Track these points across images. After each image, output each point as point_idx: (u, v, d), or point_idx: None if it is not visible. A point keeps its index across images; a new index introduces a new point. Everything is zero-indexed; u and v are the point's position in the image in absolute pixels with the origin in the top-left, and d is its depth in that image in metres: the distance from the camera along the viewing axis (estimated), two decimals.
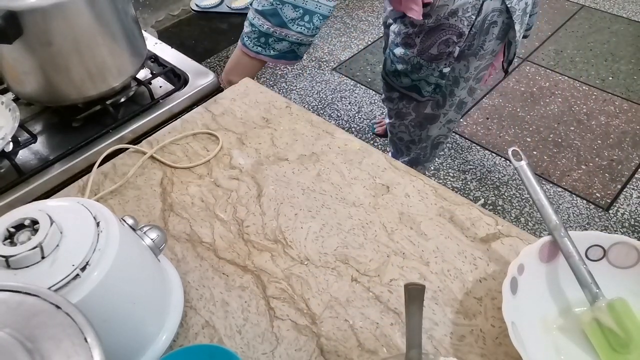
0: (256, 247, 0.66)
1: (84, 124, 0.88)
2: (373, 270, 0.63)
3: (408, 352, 0.46)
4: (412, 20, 1.10)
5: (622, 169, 1.79)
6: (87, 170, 0.79)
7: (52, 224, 0.46)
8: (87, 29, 0.78)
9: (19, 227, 0.46)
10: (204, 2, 1.31)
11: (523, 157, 0.61)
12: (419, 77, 1.21)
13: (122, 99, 0.92)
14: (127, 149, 0.81)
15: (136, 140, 0.85)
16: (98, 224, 0.48)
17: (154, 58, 0.99)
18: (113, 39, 0.82)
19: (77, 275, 0.45)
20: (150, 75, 0.96)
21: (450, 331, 0.57)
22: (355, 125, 2.08)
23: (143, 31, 0.95)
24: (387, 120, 1.47)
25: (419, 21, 1.09)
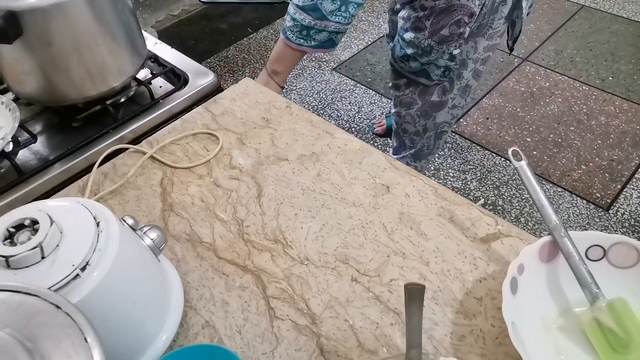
0: (256, 247, 0.66)
1: (84, 124, 0.88)
2: (373, 270, 0.63)
3: (408, 352, 0.46)
4: (422, 3, 1.11)
5: (622, 169, 1.79)
6: (87, 170, 0.80)
7: (52, 224, 0.46)
8: (87, 29, 0.78)
9: (19, 227, 0.46)
10: None
11: (523, 157, 0.61)
12: (428, 60, 1.21)
13: (122, 99, 0.92)
14: (127, 149, 0.81)
15: (136, 140, 0.85)
16: (98, 224, 0.48)
17: (154, 58, 0.99)
18: (113, 39, 0.82)
19: (77, 275, 0.45)
20: (150, 75, 0.96)
21: (450, 331, 0.57)
22: (355, 125, 2.08)
23: (143, 31, 0.95)
24: (392, 110, 1.47)
25: (429, 3, 1.10)
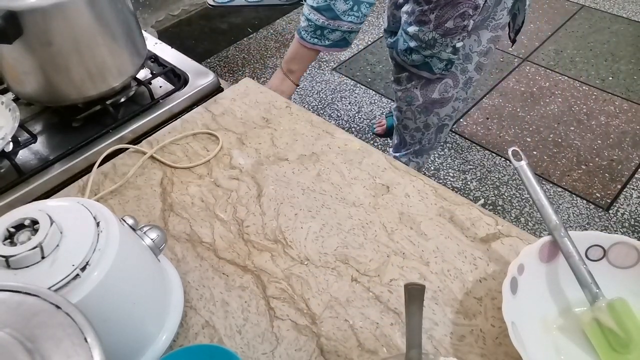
0: (256, 247, 0.66)
1: (84, 124, 0.88)
2: (373, 270, 0.63)
3: (408, 352, 0.46)
4: None
5: (622, 169, 1.79)
6: (87, 170, 0.80)
7: (52, 224, 0.46)
8: (87, 29, 0.78)
9: (19, 227, 0.46)
10: None
11: (523, 157, 0.61)
12: (432, 53, 1.21)
13: (122, 99, 0.92)
14: (127, 149, 0.81)
15: (136, 140, 0.85)
16: (98, 224, 0.48)
17: (154, 58, 0.99)
18: (113, 39, 0.82)
19: (77, 275, 0.45)
20: (150, 75, 0.96)
21: (450, 331, 0.57)
22: (355, 125, 2.08)
23: (143, 31, 0.95)
24: (393, 105, 1.47)
25: None
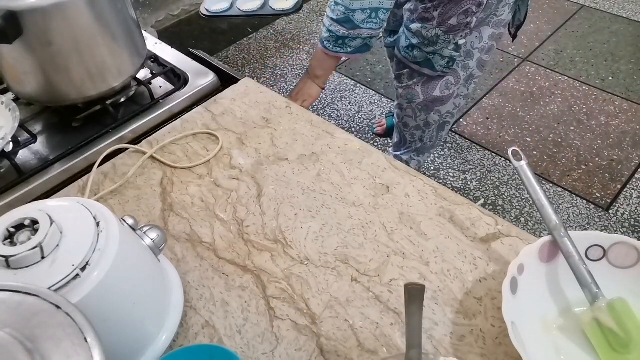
0: (256, 247, 0.66)
1: (84, 124, 0.88)
2: (373, 270, 0.63)
3: (408, 352, 0.46)
4: None
5: (622, 169, 1.79)
6: (87, 170, 0.80)
7: (52, 224, 0.46)
8: (87, 29, 0.78)
9: (19, 227, 0.46)
10: (214, 7, 1.30)
11: (523, 157, 0.61)
12: (434, 50, 1.21)
13: (122, 99, 0.92)
14: (127, 149, 0.81)
15: (136, 140, 0.85)
16: (98, 224, 0.48)
17: (154, 58, 0.99)
18: (113, 39, 0.82)
19: (77, 275, 0.45)
20: (150, 75, 0.96)
21: (450, 331, 0.57)
22: (355, 125, 2.08)
23: (143, 31, 0.95)
24: (394, 103, 1.48)
25: None
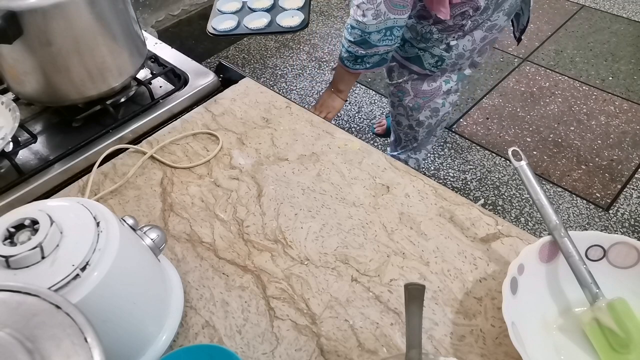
0: (256, 247, 0.66)
1: (84, 124, 0.88)
2: (373, 270, 0.63)
3: (408, 352, 0.46)
4: None
5: (622, 169, 1.79)
6: (87, 170, 0.80)
7: (52, 224, 0.46)
8: (87, 29, 0.78)
9: (19, 227, 0.46)
10: (221, 25, 1.31)
11: (523, 157, 0.61)
12: (425, 47, 1.23)
13: (122, 99, 0.92)
14: (127, 149, 0.81)
15: (136, 140, 0.85)
16: (98, 224, 0.48)
17: (154, 58, 0.99)
18: (113, 39, 0.82)
19: (77, 275, 0.45)
20: (150, 75, 0.96)
21: (450, 331, 0.57)
22: (355, 125, 2.08)
23: (143, 31, 0.95)
24: (389, 100, 1.49)
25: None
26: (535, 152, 1.86)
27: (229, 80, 0.96)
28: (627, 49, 2.31)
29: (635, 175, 1.77)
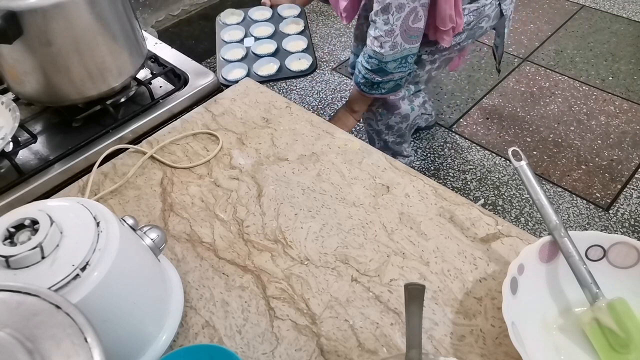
0: (256, 247, 0.66)
1: (84, 124, 0.88)
2: (373, 270, 0.63)
3: (408, 352, 0.46)
4: None
5: (622, 169, 1.79)
6: (87, 170, 0.80)
7: (52, 224, 0.46)
8: (87, 29, 0.78)
9: (19, 227, 0.46)
10: (230, 75, 1.31)
11: (523, 157, 0.61)
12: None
13: (122, 99, 0.92)
14: (127, 149, 0.81)
15: (136, 140, 0.85)
16: (98, 224, 0.48)
17: (154, 58, 0.99)
18: (113, 39, 0.82)
19: (77, 275, 0.45)
20: (150, 75, 0.96)
21: (450, 331, 0.57)
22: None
23: (143, 31, 0.95)
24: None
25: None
26: (535, 152, 1.86)
27: None
28: (627, 49, 2.31)
29: (635, 175, 1.77)
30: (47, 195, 0.78)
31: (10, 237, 0.46)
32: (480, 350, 0.55)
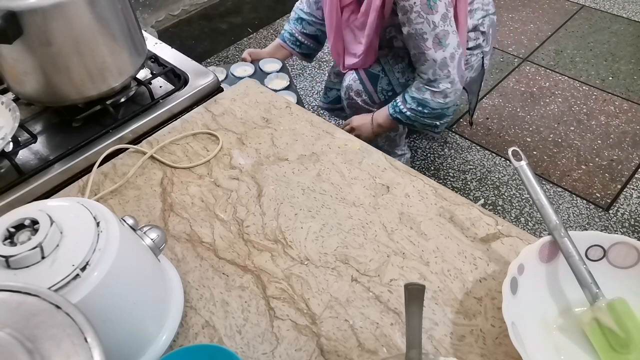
0: (256, 247, 0.66)
1: (84, 124, 0.88)
2: (373, 270, 0.63)
3: (408, 352, 0.46)
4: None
5: (622, 169, 1.79)
6: (87, 170, 0.80)
7: (52, 224, 0.46)
8: (87, 29, 0.78)
9: (19, 227, 0.46)
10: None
11: (523, 157, 0.61)
12: (399, 83, 1.42)
13: (122, 99, 0.92)
14: (127, 149, 0.81)
15: (136, 140, 0.85)
16: (98, 224, 0.48)
17: (154, 58, 0.99)
18: (113, 39, 0.82)
19: (77, 275, 0.45)
20: (150, 75, 0.96)
21: (450, 331, 0.57)
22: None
23: (143, 31, 0.95)
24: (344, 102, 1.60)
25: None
26: (535, 152, 1.86)
27: None
28: (627, 49, 2.31)
29: (635, 175, 1.77)
30: (47, 195, 0.78)
31: (10, 237, 0.46)
32: (480, 350, 0.55)
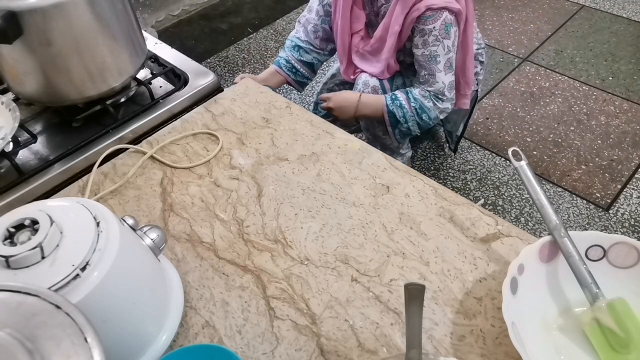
0: (256, 247, 0.66)
1: (84, 124, 0.88)
2: (373, 270, 0.63)
3: (408, 352, 0.46)
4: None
5: (622, 169, 1.79)
6: (87, 170, 0.80)
7: (52, 224, 0.46)
8: (87, 29, 0.78)
9: (19, 227, 0.46)
10: None
11: (523, 157, 0.61)
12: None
13: (122, 99, 0.92)
14: (127, 149, 0.81)
15: (136, 140, 0.85)
16: (98, 224, 0.48)
17: (154, 58, 0.99)
18: (113, 39, 0.82)
19: (77, 275, 0.45)
20: (150, 75, 0.96)
21: (450, 331, 0.57)
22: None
23: (143, 31, 0.95)
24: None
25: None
26: (535, 152, 1.86)
27: None
28: (627, 49, 2.31)
29: (635, 175, 1.77)
30: (47, 195, 0.78)
31: (10, 237, 0.46)
32: (480, 350, 0.55)
